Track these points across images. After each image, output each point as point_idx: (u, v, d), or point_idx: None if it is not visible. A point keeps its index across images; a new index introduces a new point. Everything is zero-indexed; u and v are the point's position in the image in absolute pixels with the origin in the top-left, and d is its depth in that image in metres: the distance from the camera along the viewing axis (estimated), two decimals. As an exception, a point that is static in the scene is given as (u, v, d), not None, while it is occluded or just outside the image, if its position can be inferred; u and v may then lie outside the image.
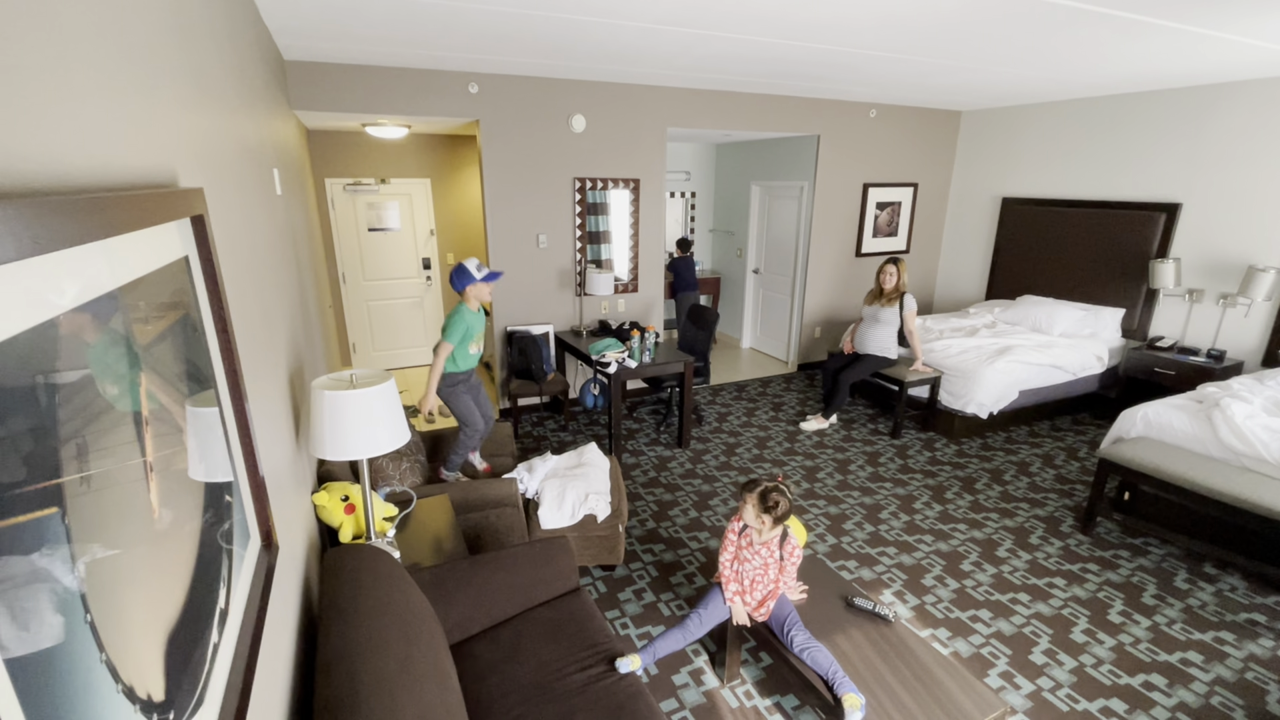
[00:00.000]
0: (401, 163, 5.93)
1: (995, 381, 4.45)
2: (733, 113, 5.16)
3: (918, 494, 3.86)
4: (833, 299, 6.26)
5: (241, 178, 1.81)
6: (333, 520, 2.28)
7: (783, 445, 4.56)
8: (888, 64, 3.88)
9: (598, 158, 4.84)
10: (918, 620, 2.74)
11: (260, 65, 2.56)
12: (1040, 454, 4.45)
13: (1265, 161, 4.24)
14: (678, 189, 7.30)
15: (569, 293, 5.06)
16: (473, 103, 4.32)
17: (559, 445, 4.54)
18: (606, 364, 4.13)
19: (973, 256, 6.37)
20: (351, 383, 2.00)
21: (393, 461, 2.80)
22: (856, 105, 5.65)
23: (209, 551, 0.99)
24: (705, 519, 3.56)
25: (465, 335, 3.09)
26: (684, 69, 4.13)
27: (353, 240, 5.94)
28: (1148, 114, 4.81)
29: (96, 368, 0.68)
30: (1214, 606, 2.83)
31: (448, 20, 2.93)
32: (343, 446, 1.94)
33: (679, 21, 2.93)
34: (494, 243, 4.68)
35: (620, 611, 2.79)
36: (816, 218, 5.86)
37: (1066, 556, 3.21)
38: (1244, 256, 4.40)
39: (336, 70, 3.90)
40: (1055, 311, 5.17)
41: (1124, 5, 2.57)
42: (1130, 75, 4.15)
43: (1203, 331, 4.68)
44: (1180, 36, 3.06)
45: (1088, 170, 5.27)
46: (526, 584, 2.24)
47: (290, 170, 3.34)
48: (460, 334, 3.06)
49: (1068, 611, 2.80)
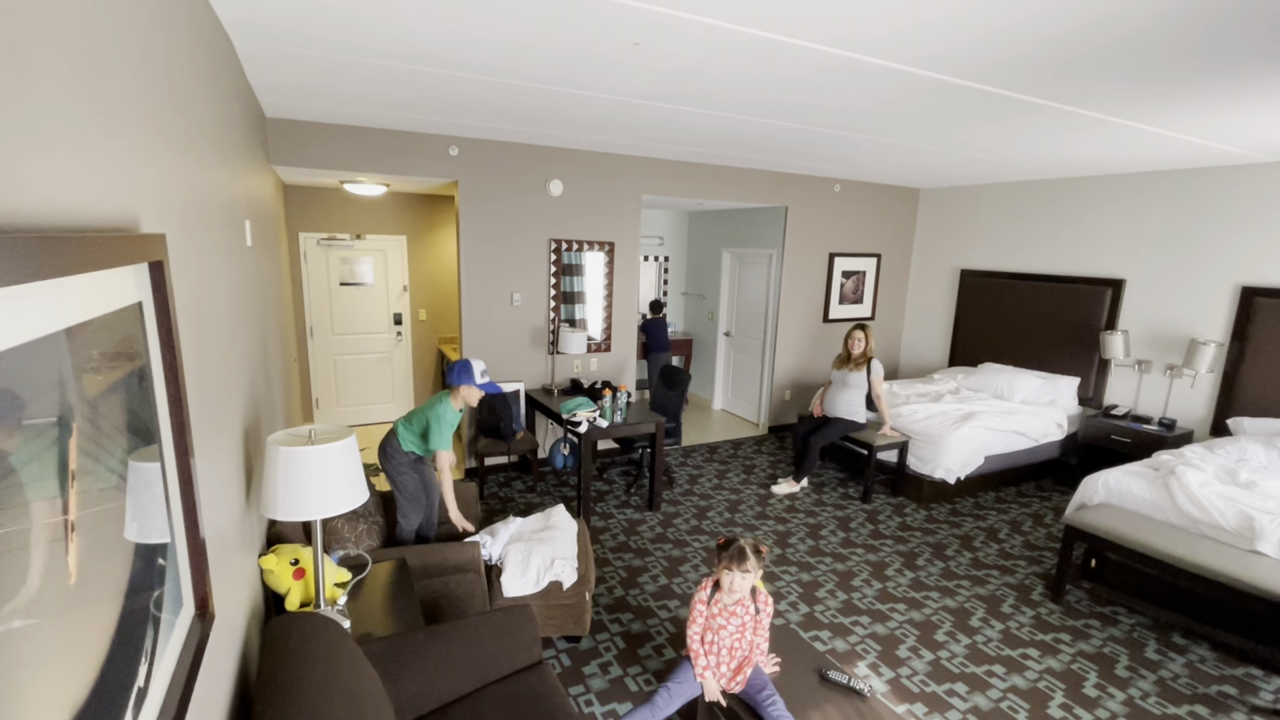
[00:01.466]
0: (378, 219, 5.98)
1: (961, 447, 4.52)
2: (705, 183, 5.37)
3: (889, 560, 3.81)
4: (802, 362, 6.37)
5: (211, 227, 1.78)
6: (280, 586, 2.14)
7: (754, 509, 4.50)
8: (849, 143, 4.11)
9: (574, 221, 4.94)
10: (893, 695, 2.65)
11: (241, 121, 2.59)
12: (1008, 520, 4.47)
13: (1196, 242, 4.55)
14: (651, 253, 7.48)
15: (541, 351, 5.05)
16: (452, 164, 4.42)
17: (526, 507, 4.40)
18: (577, 423, 4.07)
19: (935, 324, 6.60)
20: (310, 438, 1.92)
21: (349, 523, 2.67)
22: (822, 180, 5.94)
23: (132, 622, 0.90)
24: (676, 586, 3.45)
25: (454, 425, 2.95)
26: (659, 140, 4.31)
27: (323, 294, 5.88)
28: (1093, 196, 5.16)
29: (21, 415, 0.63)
30: (1185, 679, 2.81)
31: (430, 87, 3.03)
32: (296, 506, 1.84)
33: (654, 96, 3.07)
34: (468, 300, 4.68)
35: (585, 687, 2.64)
36: (785, 284, 6.04)
37: (1039, 626, 3.18)
38: (1186, 330, 4.64)
39: (318, 129, 3.97)
40: (1015, 379, 5.32)
41: (1069, 100, 2.79)
42: (1076, 161, 4.47)
43: (1153, 400, 4.86)
44: (1118, 129, 3.33)
45: (1040, 246, 5.57)
46: (486, 657, 2.11)
47: (263, 223, 3.33)
48: (450, 437, 2.93)
49: (1043, 684, 2.74)
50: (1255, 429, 4.08)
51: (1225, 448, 3.83)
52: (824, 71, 2.53)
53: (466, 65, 2.64)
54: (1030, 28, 1.98)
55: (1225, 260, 4.42)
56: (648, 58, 2.45)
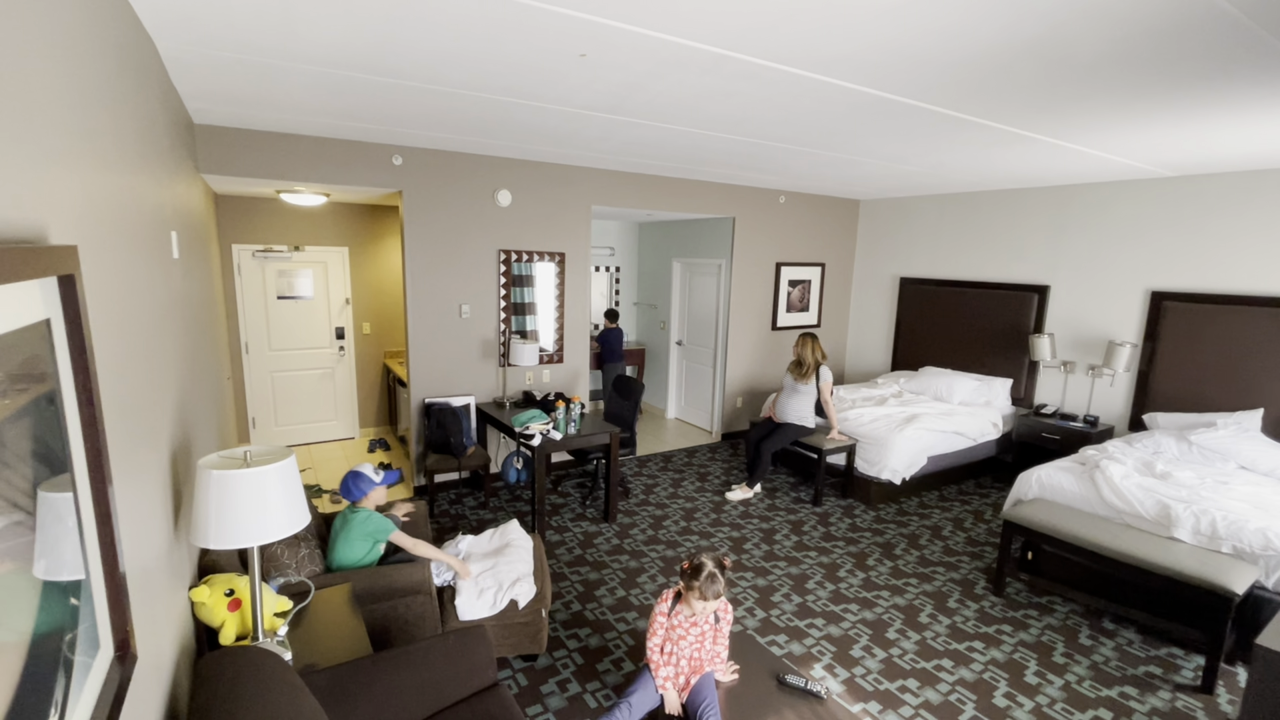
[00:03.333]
0: (318, 230, 5.76)
1: (905, 448, 4.68)
2: (654, 194, 5.42)
3: (841, 562, 3.90)
4: (752, 370, 6.48)
5: (132, 238, 1.67)
6: (213, 619, 2.00)
7: (709, 516, 4.52)
8: (793, 156, 4.23)
9: (523, 231, 4.90)
10: (849, 695, 2.69)
11: (165, 127, 2.45)
12: (950, 517, 4.65)
13: (1111, 250, 4.88)
14: (603, 263, 7.48)
15: (492, 363, 4.96)
16: (397, 174, 4.31)
17: (478, 524, 4.30)
18: (530, 436, 4.01)
19: (877, 330, 6.83)
20: (245, 460, 1.82)
21: (289, 548, 2.53)
22: (767, 191, 6.09)
23: (40, 669, 0.82)
24: (633, 597, 3.42)
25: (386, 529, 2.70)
26: (608, 152, 4.32)
27: (259, 308, 5.62)
28: (1019, 208, 5.47)
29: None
30: (1116, 662, 2.97)
31: (371, 95, 2.95)
32: (230, 533, 1.73)
33: (602, 108, 3.08)
34: (414, 312, 4.55)
35: (543, 706, 2.58)
36: (735, 293, 6.14)
37: (983, 619, 3.30)
38: (1104, 332, 4.96)
39: (251, 136, 3.80)
40: (954, 382, 5.56)
41: (994, 118, 2.95)
42: (1003, 175, 4.73)
43: (1078, 398, 5.16)
44: (1039, 145, 3.54)
45: (972, 254, 5.86)
46: (438, 682, 2.03)
47: (192, 234, 3.15)
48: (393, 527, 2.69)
49: (988, 675, 2.84)
50: (1168, 423, 4.39)
51: (1142, 441, 4.10)
52: (768, 86, 2.59)
53: (407, 73, 2.59)
54: (956, 50, 2.08)
55: (1136, 267, 4.76)
56: (595, 69, 2.46)
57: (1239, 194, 4.22)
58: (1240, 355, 4.20)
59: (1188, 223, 4.47)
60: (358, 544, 2.64)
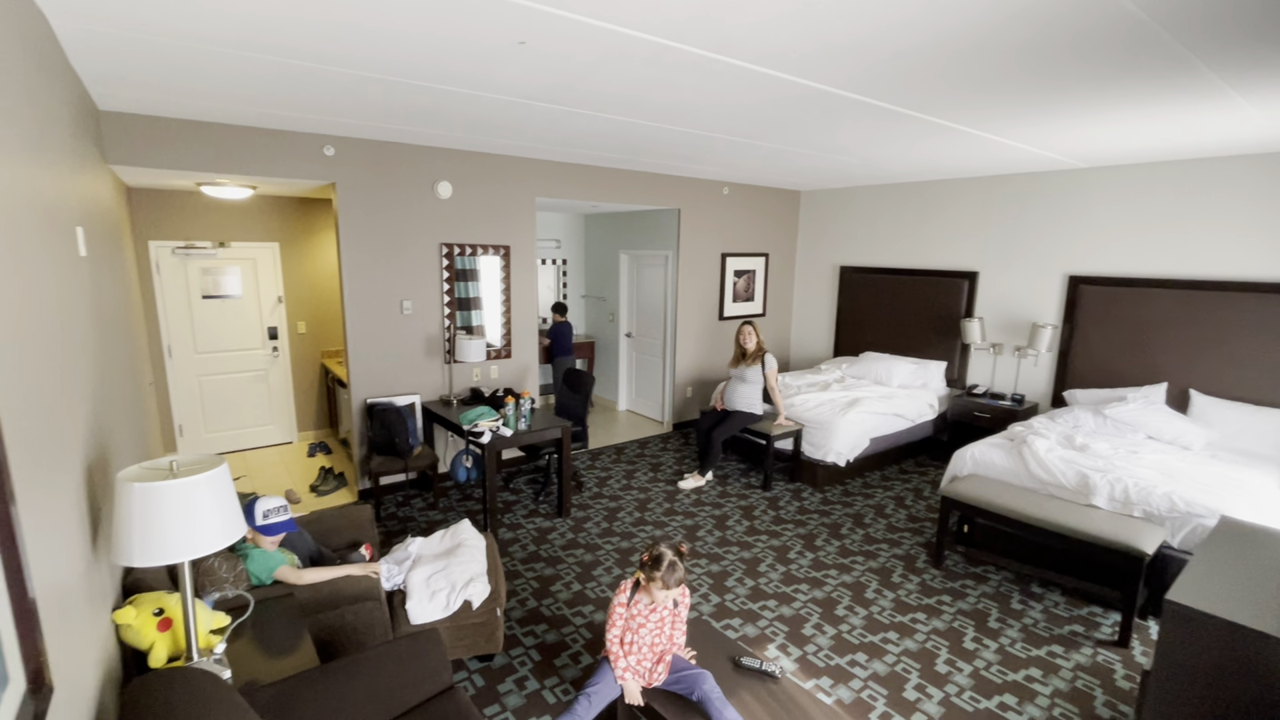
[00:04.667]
0: (245, 225, 5.46)
1: (848, 431, 4.84)
2: (599, 186, 5.38)
3: (791, 544, 4.01)
4: (701, 359, 6.55)
5: (27, 235, 1.54)
6: (141, 641, 1.88)
7: (663, 506, 4.56)
8: (735, 148, 4.28)
9: (466, 224, 4.77)
10: (802, 672, 2.78)
11: (65, 114, 2.26)
12: (893, 496, 4.85)
13: (1033, 238, 5.17)
14: (549, 256, 7.39)
15: (437, 360, 4.83)
16: (328, 165, 4.12)
17: (428, 525, 4.19)
18: (479, 433, 3.94)
19: (820, 318, 7.03)
20: (172, 471, 1.71)
21: (225, 560, 2.40)
22: (711, 183, 6.14)
23: (-59, 709, 0.75)
24: (590, 591, 3.42)
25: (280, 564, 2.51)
26: (551, 143, 4.26)
27: (182, 308, 5.28)
28: (950, 197, 5.71)
29: None
30: (1044, 623, 3.17)
31: (298, 82, 2.80)
32: (157, 549, 1.62)
33: (543, 98, 3.03)
34: (352, 309, 4.38)
35: (501, 706, 2.55)
36: (682, 284, 6.18)
37: (924, 591, 3.47)
38: (1028, 315, 5.26)
39: (166, 125, 3.55)
40: (892, 366, 5.79)
41: (924, 110, 3.06)
42: (935, 165, 4.93)
43: (1006, 378, 5.47)
44: (967, 137, 3.70)
45: (907, 243, 6.09)
46: (391, 689, 1.97)
47: (101, 230, 2.92)
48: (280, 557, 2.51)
49: (930, 644, 2.99)
50: (1085, 399, 4.70)
51: (1064, 417, 4.38)
52: (711, 77, 2.61)
53: (335, 59, 2.47)
54: (889, 43, 2.15)
55: (1056, 253, 5.06)
56: (535, 58, 2.41)
57: (1143, 184, 4.54)
58: (1146, 334, 4.54)
59: (1099, 211, 4.78)
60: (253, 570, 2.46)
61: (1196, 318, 4.30)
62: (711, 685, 2.05)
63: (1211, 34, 2.02)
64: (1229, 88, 2.60)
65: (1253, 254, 4.11)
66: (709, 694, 2.02)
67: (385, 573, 2.65)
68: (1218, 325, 4.21)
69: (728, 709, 1.99)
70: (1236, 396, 4.17)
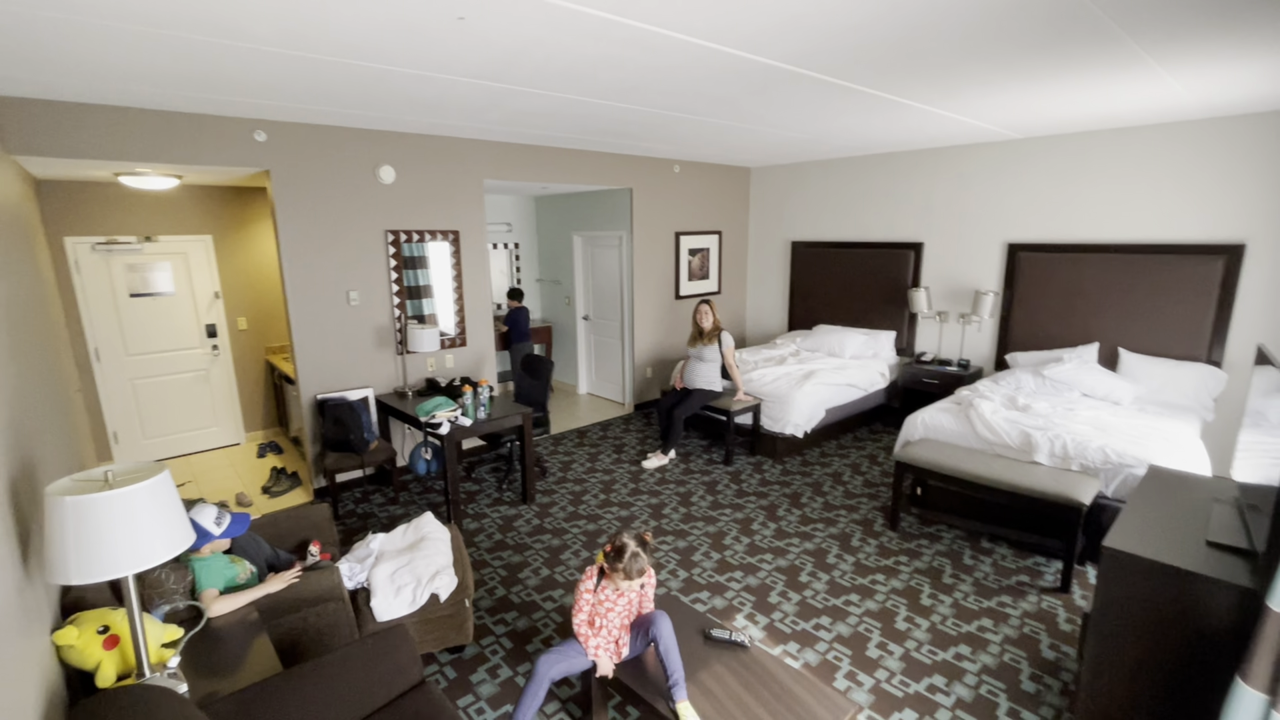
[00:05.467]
0: (173, 217, 5.14)
1: (805, 403, 4.95)
2: (548, 166, 5.28)
3: (754, 515, 4.10)
4: (660, 339, 6.57)
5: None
6: (86, 662, 1.78)
7: (628, 486, 4.59)
8: (684, 125, 4.25)
9: (411, 210, 4.62)
10: (770, 639, 2.86)
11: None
12: (849, 464, 5.00)
13: (974, 208, 5.35)
14: (500, 240, 7.24)
15: (389, 352, 4.69)
16: (260, 152, 3.90)
17: (389, 520, 4.11)
18: (437, 424, 3.86)
19: (774, 293, 7.13)
20: (107, 481, 1.61)
21: (173, 571, 2.29)
22: (662, 161, 6.11)
23: None
24: (559, 575, 3.42)
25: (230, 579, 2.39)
26: (497, 123, 4.14)
27: (107, 308, 4.96)
28: (895, 170, 5.84)
29: None
30: (993, 576, 3.35)
31: (219, 62, 2.62)
32: (96, 565, 1.53)
33: (486, 75, 2.93)
34: (295, 303, 4.20)
35: (474, 696, 2.54)
36: (637, 265, 6.16)
37: (882, 553, 3.61)
38: (971, 283, 5.46)
39: (71, 110, 3.29)
40: (845, 338, 5.93)
41: (868, 84, 3.10)
42: (880, 139, 5.02)
43: (952, 345, 5.68)
44: (910, 110, 3.78)
45: (855, 216, 6.21)
46: (360, 688, 1.94)
47: (5, 226, 2.70)
48: (223, 578, 2.37)
49: (890, 604, 3.12)
50: (1026, 361, 4.93)
51: (1006, 379, 4.59)
52: (656, 53, 2.57)
53: (258, 36, 2.32)
54: (830, 19, 2.15)
55: (995, 222, 5.25)
56: (475, 34, 2.32)
57: (1074, 153, 4.73)
58: (1079, 297, 4.78)
59: (1035, 180, 4.97)
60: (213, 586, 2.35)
61: (1124, 280, 4.54)
62: (661, 627, 2.08)
63: (1134, 7, 2.10)
64: (1150, 59, 2.72)
65: (1174, 217, 4.36)
66: (658, 634, 2.07)
67: (347, 571, 2.59)
68: (1143, 286, 4.46)
69: (672, 653, 2.03)
70: (1160, 353, 4.44)
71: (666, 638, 2.06)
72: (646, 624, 2.15)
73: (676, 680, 1.98)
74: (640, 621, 2.19)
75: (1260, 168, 3.97)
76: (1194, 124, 4.18)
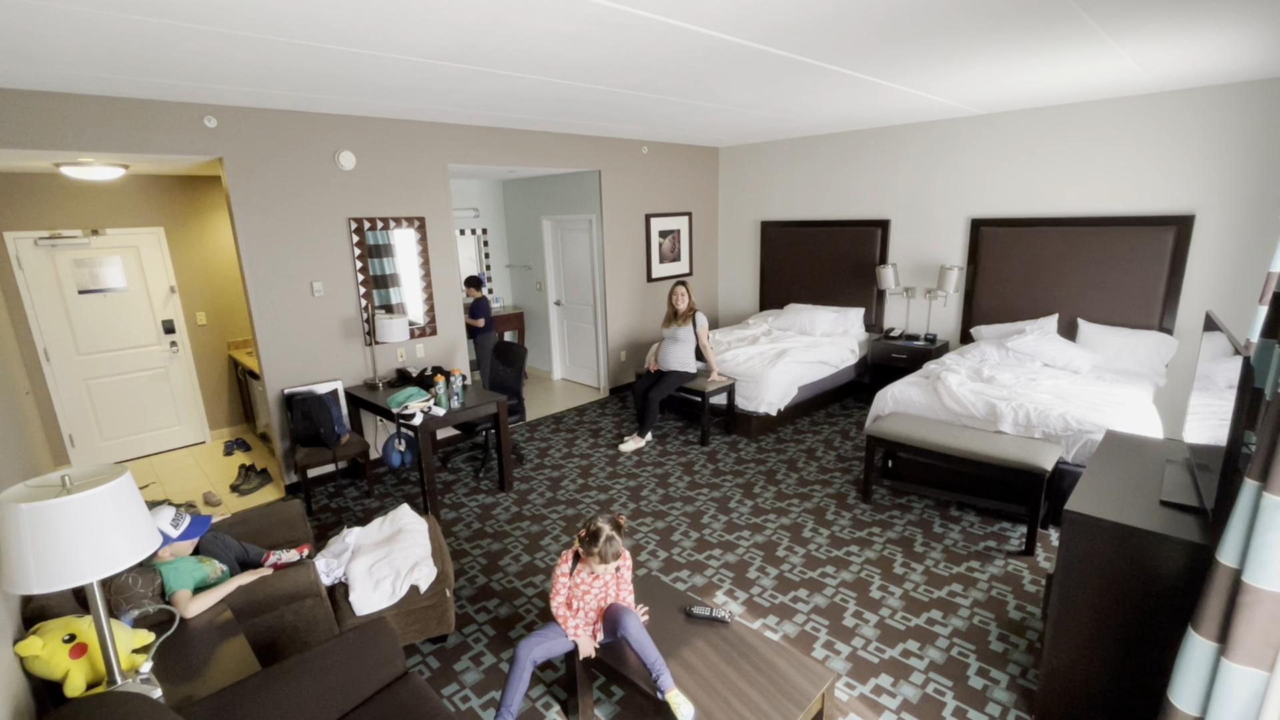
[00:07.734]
0: (121, 209, 4.92)
1: (778, 382, 5.01)
2: (515, 149, 5.18)
3: (731, 494, 4.16)
4: (633, 322, 6.56)
5: None
6: (53, 672, 1.73)
7: (605, 470, 4.60)
8: (650, 104, 4.21)
9: (374, 196, 4.50)
10: (749, 613, 2.92)
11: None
12: (822, 439, 5.10)
13: (939, 184, 5.43)
14: (468, 226, 7.11)
15: (357, 343, 4.60)
16: (211, 138, 3.75)
17: (365, 514, 4.06)
18: (410, 415, 3.81)
19: (745, 274, 7.17)
20: (65, 486, 1.55)
21: (141, 575, 2.23)
22: (630, 142, 6.05)
23: None
24: (539, 561, 3.43)
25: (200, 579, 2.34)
26: (460, 105, 4.04)
27: (55, 307, 4.75)
28: (861, 149, 5.88)
29: None
30: (962, 543, 3.46)
31: (161, 43, 2.50)
32: (57, 573, 1.48)
33: (446, 56, 2.86)
34: (256, 295, 4.07)
35: (459, 684, 2.54)
36: (608, 248, 6.12)
37: (855, 525, 3.69)
38: (936, 258, 5.56)
39: (9, 97, 3.11)
40: (815, 316, 6.00)
41: (833, 61, 3.11)
42: (847, 117, 5.04)
43: (919, 320, 5.79)
44: (875, 88, 3.79)
45: (823, 195, 6.26)
46: (342, 683, 1.92)
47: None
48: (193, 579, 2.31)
49: (864, 574, 3.20)
50: (990, 334, 5.06)
51: (972, 352, 4.71)
52: (620, 30, 2.53)
53: (202, 16, 2.21)
54: (799, -8, 2.15)
55: (959, 198, 5.34)
56: (433, 13, 2.25)
57: (1033, 128, 4.83)
58: (1039, 270, 4.90)
59: (996, 155, 5.06)
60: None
61: (1081, 252, 4.68)
62: (628, 625, 2.07)
63: (1090, -19, 2.14)
64: (1105, 34, 2.78)
65: (1129, 190, 4.49)
66: (626, 633, 2.06)
67: (323, 567, 2.55)
68: (1100, 258, 4.60)
69: (646, 647, 2.03)
70: (1116, 322, 4.60)
71: (635, 634, 2.04)
72: (614, 619, 2.14)
73: (659, 671, 1.97)
74: (608, 615, 2.20)
75: (1208, 140, 4.11)
76: (1147, 98, 4.29)
